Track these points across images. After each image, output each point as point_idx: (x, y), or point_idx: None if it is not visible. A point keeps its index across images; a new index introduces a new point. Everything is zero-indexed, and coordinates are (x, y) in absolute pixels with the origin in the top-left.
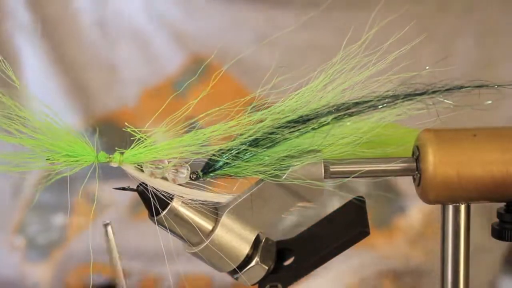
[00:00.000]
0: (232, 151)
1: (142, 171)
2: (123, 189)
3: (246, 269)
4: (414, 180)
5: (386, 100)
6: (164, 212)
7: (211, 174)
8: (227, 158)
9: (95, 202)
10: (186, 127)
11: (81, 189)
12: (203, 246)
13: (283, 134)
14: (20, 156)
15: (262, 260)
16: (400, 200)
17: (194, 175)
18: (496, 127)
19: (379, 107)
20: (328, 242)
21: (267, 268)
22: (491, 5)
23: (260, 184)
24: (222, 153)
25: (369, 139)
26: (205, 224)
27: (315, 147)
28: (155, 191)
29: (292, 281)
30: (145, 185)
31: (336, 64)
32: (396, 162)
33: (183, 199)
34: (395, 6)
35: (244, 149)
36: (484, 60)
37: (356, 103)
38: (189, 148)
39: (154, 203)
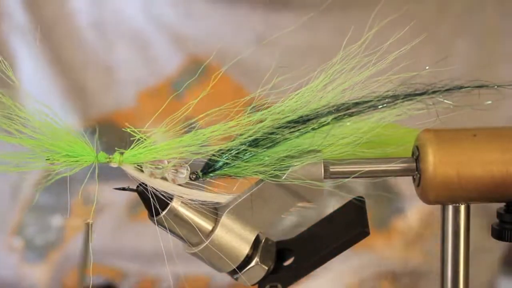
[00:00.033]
0: (232, 151)
1: (142, 171)
2: (123, 189)
3: (246, 269)
4: (414, 180)
5: (386, 100)
6: (164, 212)
7: (211, 174)
8: (226, 158)
9: (95, 202)
10: (185, 128)
11: (81, 189)
12: (203, 246)
13: (283, 134)
14: (20, 156)
15: (262, 260)
16: (398, 201)
17: (193, 175)
18: (496, 127)
19: (379, 107)
20: (328, 242)
21: (267, 268)
22: (491, 6)
23: (260, 184)
24: (222, 153)
25: (369, 139)
26: (205, 224)
27: (315, 147)
28: (154, 191)
29: (292, 281)
30: (145, 185)
31: (336, 64)
32: (396, 162)
33: (183, 199)
34: (395, 6)
35: (244, 149)
36: (484, 60)
37: (356, 103)
38: (188, 148)
39: (154, 203)
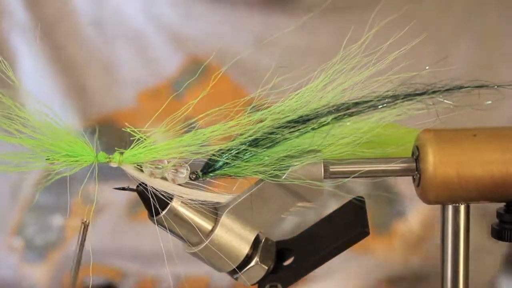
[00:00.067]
0: (232, 151)
1: (142, 171)
2: (123, 189)
3: (245, 269)
4: (414, 180)
5: (386, 100)
6: (164, 212)
7: (211, 174)
8: (226, 158)
9: (95, 203)
10: (185, 128)
11: (80, 189)
12: (202, 246)
13: (283, 134)
14: (20, 156)
15: (262, 260)
16: (399, 204)
17: (193, 175)
18: (496, 127)
19: (379, 107)
20: (328, 242)
21: (266, 268)
22: (491, 6)
23: (260, 184)
24: (221, 153)
25: (369, 139)
26: (205, 224)
27: (315, 147)
28: (154, 191)
29: (292, 281)
30: (145, 185)
31: (336, 64)
32: (396, 162)
33: (183, 199)
34: (395, 6)
35: (244, 149)
36: (484, 61)
37: (356, 103)
38: (188, 148)
39: (154, 203)
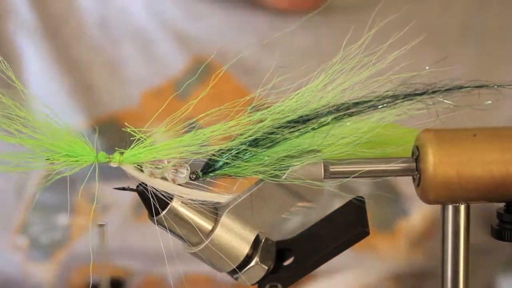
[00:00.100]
0: (232, 151)
1: (142, 171)
2: (123, 189)
3: (245, 269)
4: (414, 180)
5: (386, 100)
6: (164, 212)
7: (211, 174)
8: (226, 158)
9: (95, 202)
10: (186, 127)
11: (80, 189)
12: (202, 246)
13: (283, 134)
14: (20, 156)
15: (262, 260)
16: (402, 203)
17: (193, 175)
18: (496, 127)
19: (379, 107)
20: (328, 242)
21: (266, 268)
22: (491, 6)
23: (260, 184)
24: (222, 153)
25: (369, 139)
26: (205, 224)
27: (315, 147)
28: (154, 191)
29: (292, 281)
30: (145, 185)
31: (336, 64)
32: (396, 162)
33: (183, 199)
34: (395, 6)
35: (244, 149)
36: (484, 61)
37: (356, 103)
38: (189, 148)
39: (154, 203)
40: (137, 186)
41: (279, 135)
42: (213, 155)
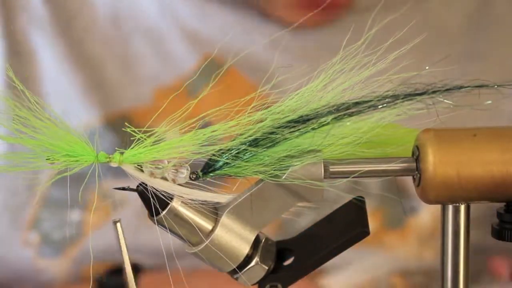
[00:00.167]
0: (232, 151)
1: (142, 171)
2: (123, 189)
3: (246, 269)
4: (414, 180)
5: (386, 100)
6: (164, 212)
7: (211, 174)
8: (227, 158)
9: (95, 201)
10: (190, 126)
11: (81, 188)
12: (203, 246)
13: (283, 134)
14: (20, 156)
15: (262, 260)
16: (412, 200)
17: (194, 175)
18: (496, 127)
19: (379, 107)
20: (328, 242)
21: (267, 268)
22: (493, 6)
23: (260, 184)
24: (222, 153)
25: (369, 139)
26: (205, 224)
27: (315, 147)
28: (154, 191)
29: (292, 281)
30: (145, 185)
31: (336, 64)
32: (396, 162)
33: (183, 199)
34: (395, 6)
35: (244, 149)
36: (485, 61)
37: (356, 103)
38: (189, 148)
39: (154, 203)
40: (137, 186)
41: (279, 135)
42: (213, 155)
